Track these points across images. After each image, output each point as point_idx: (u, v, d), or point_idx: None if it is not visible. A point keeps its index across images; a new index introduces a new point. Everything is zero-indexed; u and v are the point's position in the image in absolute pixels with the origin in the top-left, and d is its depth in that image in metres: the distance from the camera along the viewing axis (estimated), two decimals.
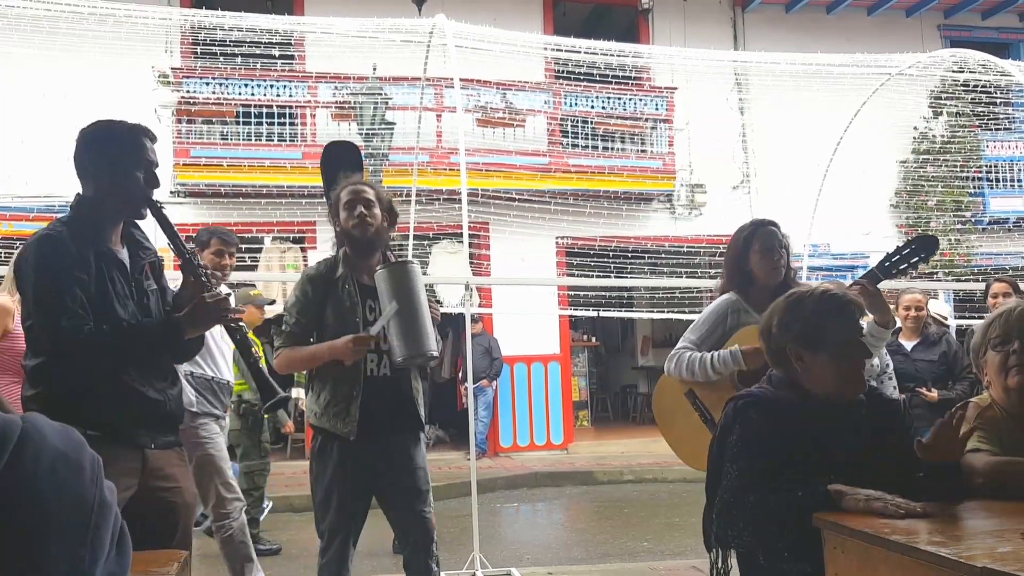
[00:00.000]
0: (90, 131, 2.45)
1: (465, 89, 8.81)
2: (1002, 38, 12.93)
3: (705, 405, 3.24)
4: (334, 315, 3.02)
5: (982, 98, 10.09)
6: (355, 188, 3.10)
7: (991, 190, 11.79)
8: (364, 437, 2.96)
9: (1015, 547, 1.59)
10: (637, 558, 5.80)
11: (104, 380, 2.32)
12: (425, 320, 2.91)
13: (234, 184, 9.55)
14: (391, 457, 3.04)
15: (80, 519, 0.84)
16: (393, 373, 3.03)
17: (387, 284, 2.90)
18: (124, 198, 2.43)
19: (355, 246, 3.07)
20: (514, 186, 9.82)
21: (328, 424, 2.99)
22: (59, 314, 2.24)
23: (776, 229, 3.26)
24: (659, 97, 11.05)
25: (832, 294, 2.19)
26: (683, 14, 11.85)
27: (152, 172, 2.46)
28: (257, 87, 9.88)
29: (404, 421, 3.08)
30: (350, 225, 3.05)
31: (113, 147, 2.42)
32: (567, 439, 10.79)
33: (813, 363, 2.13)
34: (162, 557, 1.90)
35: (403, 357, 2.86)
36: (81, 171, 2.44)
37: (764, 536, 2.02)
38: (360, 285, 3.05)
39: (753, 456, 2.07)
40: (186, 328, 2.41)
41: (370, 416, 2.96)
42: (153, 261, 2.55)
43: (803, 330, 2.13)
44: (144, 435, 2.38)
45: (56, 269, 2.28)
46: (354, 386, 2.96)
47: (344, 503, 3.00)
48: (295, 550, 6.37)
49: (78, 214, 2.41)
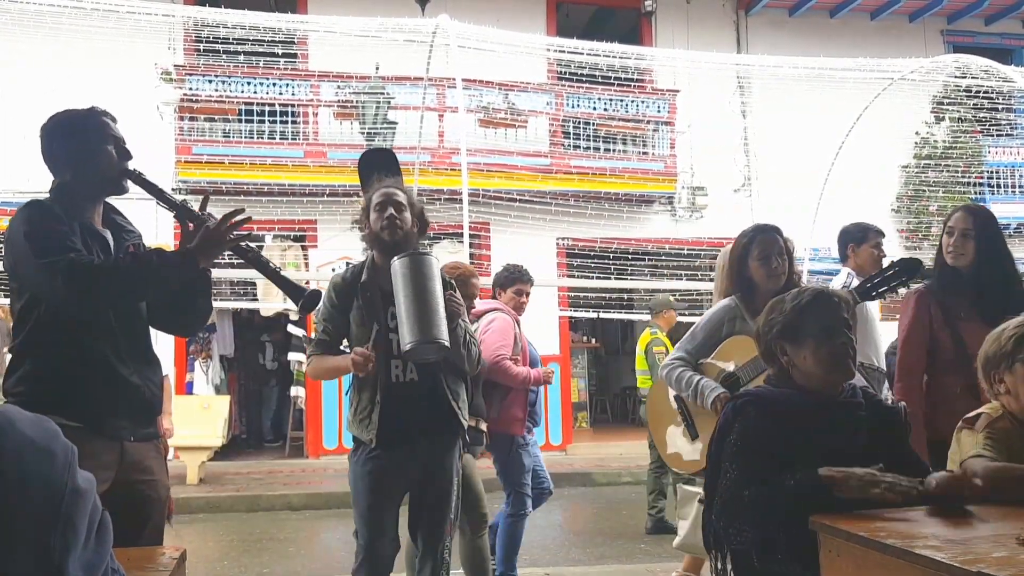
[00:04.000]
0: (50, 123, 2.46)
1: (467, 89, 8.81)
2: (1005, 44, 12.92)
3: (689, 411, 3.29)
4: (355, 323, 3.01)
5: (984, 103, 10.10)
6: (387, 191, 3.05)
7: (992, 196, 11.77)
8: (390, 443, 2.94)
9: (1011, 552, 1.60)
10: (634, 560, 5.80)
11: (87, 363, 2.29)
12: (435, 309, 2.81)
13: (235, 182, 9.55)
14: (421, 461, 3.02)
15: (50, 506, 0.84)
16: (421, 378, 2.99)
17: (399, 273, 2.84)
18: (102, 174, 2.43)
19: (383, 249, 3.01)
20: (515, 187, 9.83)
21: (356, 431, 3.02)
22: (64, 250, 2.20)
23: (777, 235, 3.23)
24: (661, 99, 11.05)
25: (811, 288, 2.28)
26: (686, 17, 11.86)
27: (122, 146, 2.46)
28: (260, 85, 9.88)
29: (439, 424, 3.03)
30: (379, 227, 2.99)
31: (77, 129, 2.43)
32: (566, 440, 10.79)
33: (795, 355, 2.18)
34: (158, 554, 1.90)
35: (410, 344, 2.76)
36: (53, 162, 2.44)
37: (763, 530, 2.03)
38: (383, 292, 2.99)
39: (752, 454, 2.09)
40: (198, 256, 2.34)
41: (397, 422, 2.93)
42: (137, 243, 2.53)
43: (784, 324, 2.20)
44: (125, 428, 2.36)
45: (50, 222, 2.27)
46: (375, 394, 2.96)
47: (372, 509, 3.00)
48: (292, 548, 6.38)
49: (58, 195, 2.40)
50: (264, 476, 8.98)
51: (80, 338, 2.30)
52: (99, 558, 0.91)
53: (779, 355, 2.21)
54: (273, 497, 7.91)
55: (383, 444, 2.94)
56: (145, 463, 2.41)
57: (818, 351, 2.16)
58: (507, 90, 10.31)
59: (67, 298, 2.22)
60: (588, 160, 10.60)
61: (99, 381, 2.31)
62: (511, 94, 10.36)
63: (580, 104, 10.80)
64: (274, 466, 9.64)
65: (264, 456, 10.32)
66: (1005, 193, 11.85)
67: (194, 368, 10.13)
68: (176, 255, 2.35)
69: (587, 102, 10.80)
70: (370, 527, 3.00)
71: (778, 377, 2.26)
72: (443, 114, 10.06)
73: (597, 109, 10.82)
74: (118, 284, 2.27)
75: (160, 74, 9.64)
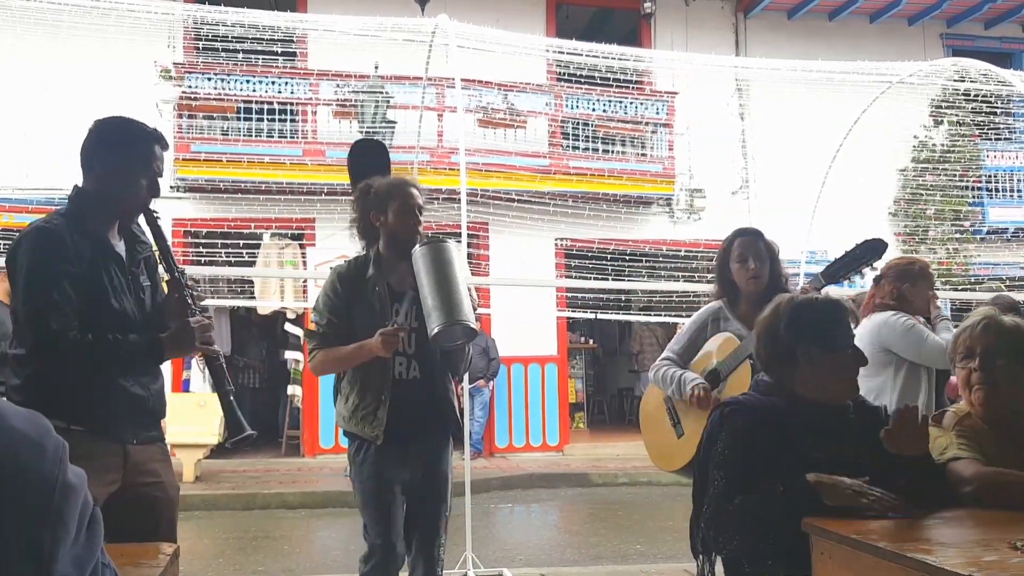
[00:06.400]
0: (106, 126, 2.42)
1: (466, 89, 8.82)
2: (1004, 48, 12.94)
3: (676, 411, 3.32)
4: (361, 317, 2.94)
5: (983, 107, 10.11)
6: (414, 192, 3.00)
7: (990, 200, 11.80)
8: (394, 441, 2.92)
9: (1001, 556, 1.60)
10: (630, 560, 5.82)
11: (88, 374, 2.30)
12: (460, 292, 2.77)
13: (233, 180, 9.55)
14: (420, 460, 3.01)
15: (40, 500, 0.84)
16: (423, 376, 2.98)
17: (423, 260, 2.80)
18: (122, 202, 2.41)
19: (399, 249, 2.96)
20: (514, 187, 9.83)
21: (356, 428, 2.95)
22: (48, 312, 2.21)
23: (755, 238, 3.25)
24: (660, 101, 11.06)
25: (839, 300, 2.28)
26: (685, 19, 11.86)
27: (155, 181, 2.44)
28: (259, 83, 9.88)
29: (437, 424, 3.04)
30: (401, 228, 2.95)
31: (124, 148, 2.39)
32: (563, 441, 10.79)
33: (822, 364, 2.15)
34: (151, 550, 1.90)
35: (439, 327, 2.70)
36: (86, 163, 2.40)
37: (752, 539, 2.04)
38: (390, 288, 2.97)
39: (739, 463, 2.09)
40: (166, 351, 2.39)
41: (400, 420, 2.91)
42: (148, 256, 2.53)
43: (817, 332, 2.16)
44: (127, 430, 2.37)
45: (50, 263, 2.25)
46: (382, 390, 2.91)
47: (379, 507, 2.96)
48: (287, 546, 6.38)
49: (76, 207, 2.39)
50: (260, 474, 8.98)
51: None
52: (89, 553, 0.91)
53: (804, 361, 2.16)
54: (269, 495, 7.92)
55: (389, 441, 2.91)
56: (149, 465, 2.43)
57: (844, 367, 2.17)
58: (506, 90, 10.31)
59: (35, 353, 2.26)
60: (587, 161, 10.60)
61: (101, 391, 2.32)
62: (510, 94, 10.36)
63: (579, 105, 10.80)
64: (270, 464, 9.64)
65: (260, 454, 10.31)
66: (1003, 197, 11.87)
67: (191, 366, 10.12)
68: (144, 347, 2.36)
69: (586, 103, 10.81)
70: (383, 525, 2.97)
71: (770, 384, 2.24)
72: (442, 114, 10.07)
73: (596, 110, 10.83)
74: (86, 363, 2.28)
75: (159, 71, 9.64)
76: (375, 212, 2.99)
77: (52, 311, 2.22)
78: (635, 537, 6.52)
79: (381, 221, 2.98)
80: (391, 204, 2.96)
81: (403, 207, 2.96)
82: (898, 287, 3.75)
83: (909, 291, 3.76)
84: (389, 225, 2.97)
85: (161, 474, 2.47)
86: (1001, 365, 2.21)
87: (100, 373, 2.32)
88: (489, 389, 10.26)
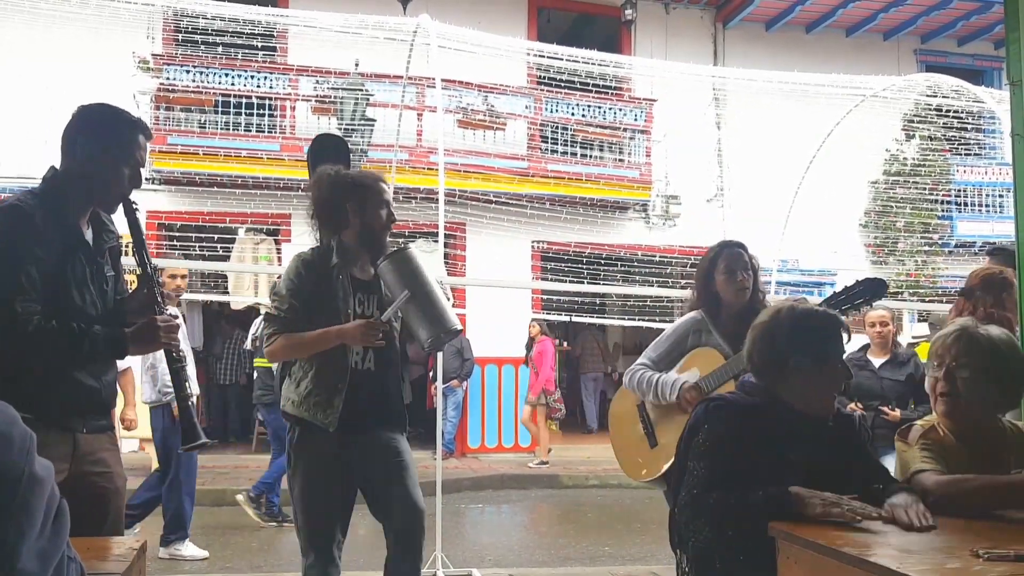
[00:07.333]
0: (91, 111, 2.38)
1: (447, 90, 8.81)
2: (977, 65, 13.17)
3: (651, 419, 3.30)
4: (322, 305, 2.91)
5: (954, 123, 10.28)
6: (386, 188, 3.01)
7: (959, 214, 12.02)
8: (345, 430, 2.86)
9: (964, 563, 1.64)
10: (598, 562, 5.85)
11: (47, 362, 2.27)
12: (440, 299, 2.84)
13: (210, 173, 9.47)
14: (374, 447, 2.94)
15: (5, 493, 0.82)
16: (377, 368, 2.96)
17: (393, 274, 2.81)
18: (103, 189, 2.37)
19: (369, 243, 2.95)
20: (492, 188, 9.85)
21: (307, 414, 2.88)
22: (13, 295, 2.17)
23: (742, 251, 3.26)
24: (638, 108, 11.14)
25: (836, 315, 2.30)
26: (665, 27, 11.96)
27: (138, 171, 2.41)
28: (237, 77, 9.81)
29: (388, 417, 2.99)
30: (380, 227, 2.96)
31: (108, 135, 2.35)
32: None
33: (812, 376, 2.17)
34: (117, 544, 1.89)
35: (432, 338, 2.78)
36: (68, 146, 2.35)
37: (723, 535, 2.06)
38: (352, 278, 2.96)
39: (718, 457, 2.12)
40: (130, 346, 2.37)
41: (352, 409, 2.86)
42: (113, 246, 2.49)
43: (813, 345, 2.18)
44: (76, 419, 2.33)
45: (19, 245, 2.21)
46: (340, 378, 2.87)
47: (323, 497, 2.90)
48: (256, 543, 6.34)
49: (51, 187, 2.34)
50: (230, 470, 8.90)
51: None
52: (54, 547, 0.89)
53: (795, 373, 2.17)
54: (239, 491, 7.84)
55: (340, 429, 2.86)
56: (99, 455, 2.38)
57: (831, 382, 2.21)
58: (486, 92, 10.33)
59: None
60: (565, 165, 10.65)
61: (54, 379, 2.28)
62: (490, 96, 10.38)
63: (558, 109, 10.86)
64: (240, 461, 9.56)
65: (230, 450, 10.23)
66: (971, 212, 12.09)
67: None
68: (108, 340, 2.33)
69: (565, 107, 10.87)
70: (323, 520, 2.90)
71: (757, 387, 2.27)
72: (422, 113, 10.06)
73: (575, 115, 10.89)
74: (47, 351, 2.24)
75: (138, 63, 9.54)
76: (352, 204, 2.95)
77: (18, 295, 2.18)
78: (604, 539, 6.56)
79: (357, 212, 2.96)
80: (370, 197, 2.95)
81: (382, 203, 2.98)
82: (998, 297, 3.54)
83: (1007, 300, 3.57)
84: (366, 218, 2.95)
85: (110, 464, 2.42)
86: (965, 378, 2.24)
87: (60, 362, 2.28)
88: (463, 389, 10.26)
